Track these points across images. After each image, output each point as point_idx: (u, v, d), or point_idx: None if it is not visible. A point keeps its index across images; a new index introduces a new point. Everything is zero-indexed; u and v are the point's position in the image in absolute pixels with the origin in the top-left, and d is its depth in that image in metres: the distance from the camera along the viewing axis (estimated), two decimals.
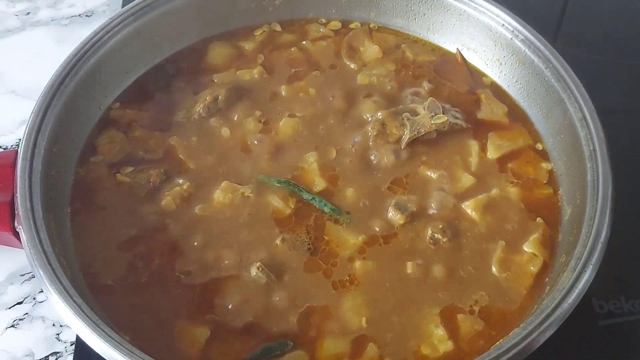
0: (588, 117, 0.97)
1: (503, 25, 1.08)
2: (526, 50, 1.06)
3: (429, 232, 0.95)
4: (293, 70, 1.13)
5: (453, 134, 1.05)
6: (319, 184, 0.99)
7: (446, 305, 0.90)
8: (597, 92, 0.99)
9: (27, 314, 1.00)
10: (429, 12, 1.15)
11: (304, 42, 1.17)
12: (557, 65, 1.03)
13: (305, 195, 0.98)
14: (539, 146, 1.05)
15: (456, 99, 1.10)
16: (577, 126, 0.97)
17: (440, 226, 0.96)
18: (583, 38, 1.32)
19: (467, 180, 1.01)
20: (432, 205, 0.98)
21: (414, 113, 1.05)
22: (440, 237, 0.95)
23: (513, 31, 1.08)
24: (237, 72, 1.12)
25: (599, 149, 0.94)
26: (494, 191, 1.00)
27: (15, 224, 0.88)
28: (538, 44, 1.05)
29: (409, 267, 0.92)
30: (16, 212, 0.88)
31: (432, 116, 1.04)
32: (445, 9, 1.14)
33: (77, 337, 0.96)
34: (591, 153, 0.94)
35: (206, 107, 1.07)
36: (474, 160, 1.03)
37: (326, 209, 0.97)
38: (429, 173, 1.01)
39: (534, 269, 0.93)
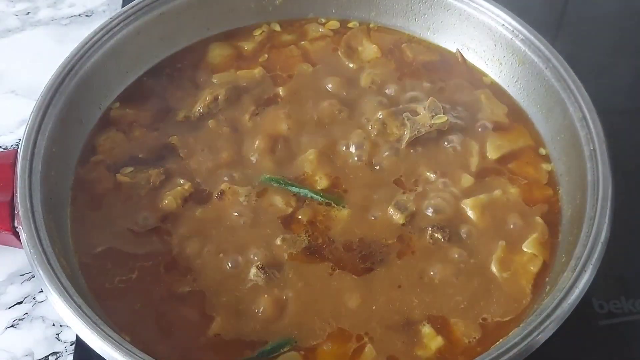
0: (588, 117, 0.97)
1: (503, 25, 1.08)
2: (526, 50, 1.06)
3: (429, 231, 0.95)
4: (292, 69, 1.13)
5: (453, 134, 1.05)
6: (321, 184, 0.99)
7: (445, 304, 0.90)
8: (597, 92, 0.99)
9: (27, 313, 1.00)
10: (429, 12, 1.15)
11: (302, 42, 1.17)
12: (557, 65, 1.03)
13: (293, 189, 0.98)
14: (542, 150, 1.05)
15: (456, 99, 1.10)
16: (577, 126, 0.97)
17: (440, 226, 0.96)
18: (583, 38, 1.32)
19: (466, 180, 1.01)
20: (432, 205, 0.98)
21: (414, 113, 1.05)
22: (439, 236, 0.95)
23: (513, 31, 1.07)
24: (237, 72, 1.12)
25: (599, 149, 0.94)
26: (495, 191, 1.00)
27: (15, 224, 0.88)
28: (538, 43, 1.05)
29: (409, 267, 0.92)
30: (16, 212, 0.88)
31: (433, 116, 1.04)
32: (445, 9, 1.14)
33: (77, 337, 0.96)
34: (591, 153, 0.94)
35: (206, 107, 1.07)
36: (474, 160, 1.03)
37: (315, 197, 0.97)
38: (428, 173, 1.01)
39: (534, 269, 0.93)
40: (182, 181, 0.99)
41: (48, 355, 0.96)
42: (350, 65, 1.14)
